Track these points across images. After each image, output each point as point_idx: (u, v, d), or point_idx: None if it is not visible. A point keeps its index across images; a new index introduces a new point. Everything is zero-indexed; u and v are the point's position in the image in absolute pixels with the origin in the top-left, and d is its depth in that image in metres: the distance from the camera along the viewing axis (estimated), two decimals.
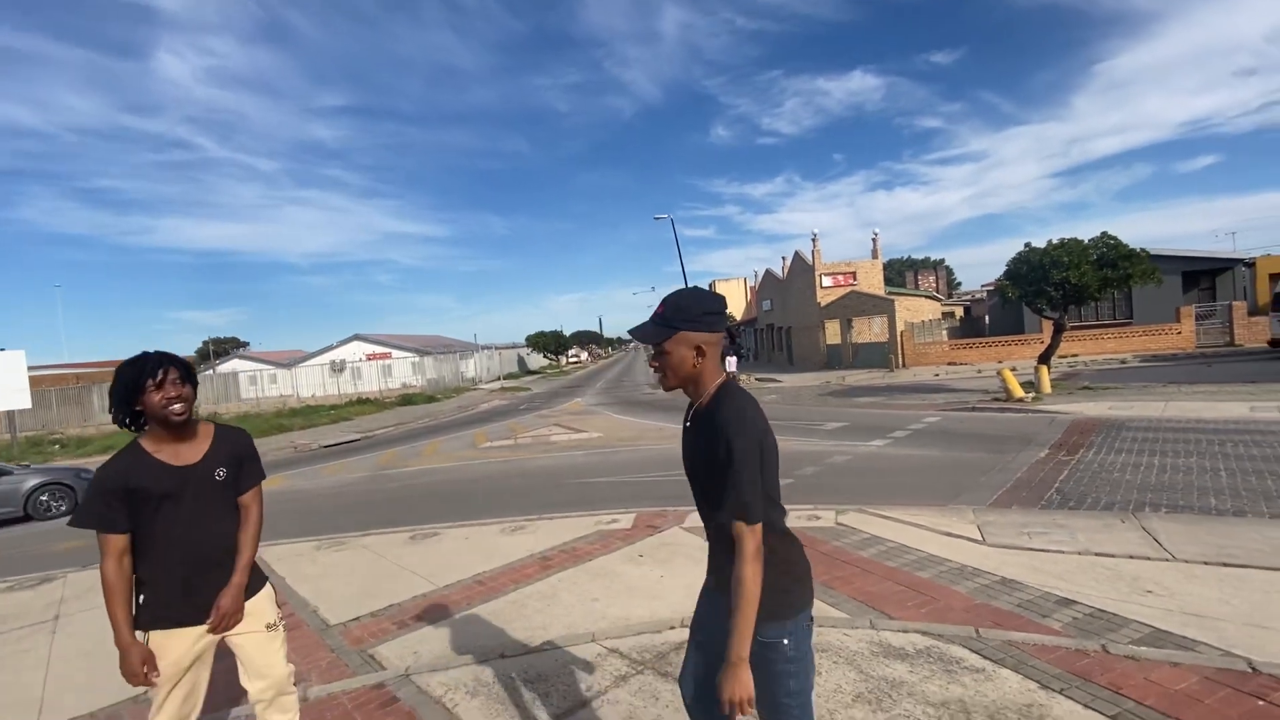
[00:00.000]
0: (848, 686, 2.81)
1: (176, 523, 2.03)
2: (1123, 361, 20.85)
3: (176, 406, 2.03)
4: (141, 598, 2.03)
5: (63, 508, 10.54)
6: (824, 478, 7.96)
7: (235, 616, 2.12)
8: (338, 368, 43.53)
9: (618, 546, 5.42)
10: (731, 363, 21.68)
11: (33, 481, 10.54)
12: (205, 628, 2.09)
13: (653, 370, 1.76)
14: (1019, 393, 13.20)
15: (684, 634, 3.53)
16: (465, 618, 4.21)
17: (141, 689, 3.60)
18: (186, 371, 2.09)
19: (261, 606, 2.22)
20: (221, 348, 65.21)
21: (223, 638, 2.15)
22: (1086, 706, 2.52)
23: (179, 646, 2.05)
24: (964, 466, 7.90)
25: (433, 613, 4.35)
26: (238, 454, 2.20)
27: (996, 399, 13.51)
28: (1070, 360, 21.87)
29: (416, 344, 48.69)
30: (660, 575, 4.64)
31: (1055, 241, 13.80)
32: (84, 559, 6.93)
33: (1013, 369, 14.61)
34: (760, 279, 46.04)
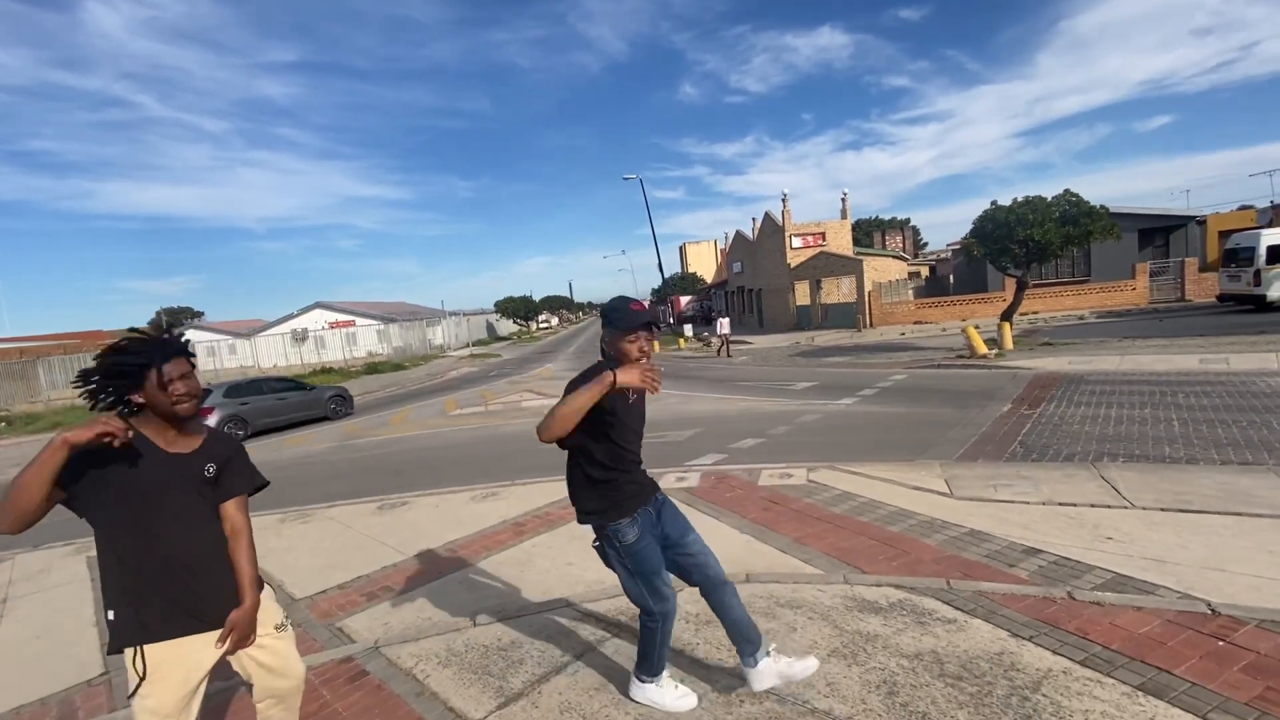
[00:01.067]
0: (823, 643, 2.82)
1: (158, 517, 1.83)
2: (1081, 318, 21.44)
3: (186, 405, 1.85)
4: (111, 613, 1.82)
5: (342, 411, 15.72)
6: (795, 436, 8.02)
7: (250, 639, 1.99)
8: (300, 337, 42.29)
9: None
10: (724, 324, 21.30)
11: (328, 393, 15.68)
12: (213, 641, 1.91)
13: (644, 355, 2.24)
14: (982, 349, 13.47)
15: None
16: (437, 586, 4.13)
17: (98, 671, 3.47)
18: (190, 360, 1.92)
19: (268, 609, 2.07)
20: (175, 318, 62.69)
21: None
22: (1055, 653, 2.56)
23: (184, 662, 1.86)
24: (931, 422, 8.04)
25: (403, 583, 4.26)
26: (226, 457, 2.01)
27: (960, 356, 13.78)
28: (1031, 317, 22.41)
29: (381, 311, 47.50)
30: None
31: (1020, 199, 13.93)
32: (37, 539, 6.63)
33: (976, 326, 14.88)
34: (730, 241, 45.86)
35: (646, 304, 2.19)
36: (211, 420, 12.51)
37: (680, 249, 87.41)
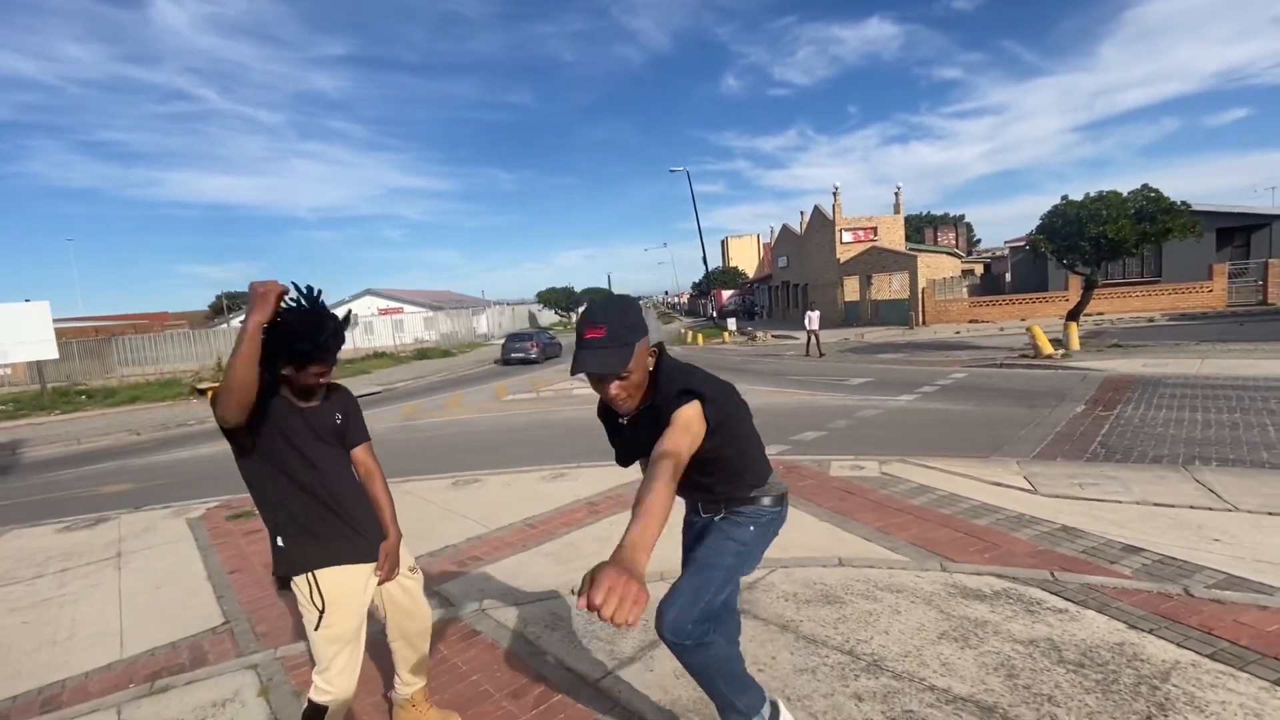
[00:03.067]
0: (930, 625, 2.82)
1: (308, 461, 1.99)
2: (1150, 320, 20.52)
3: (318, 388, 2.03)
4: (282, 541, 1.99)
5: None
6: (858, 430, 7.94)
7: (398, 571, 2.20)
8: (351, 323, 43.63)
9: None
10: (814, 319, 18.63)
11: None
12: (371, 571, 2.10)
13: (614, 395, 1.69)
14: (1048, 349, 13.05)
15: (752, 574, 3.54)
16: (525, 558, 4.27)
17: (220, 620, 3.72)
18: (340, 345, 2.04)
19: (401, 553, 2.25)
20: (234, 302, 65.38)
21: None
22: (1180, 646, 2.52)
23: (354, 584, 2.04)
24: (1000, 421, 7.85)
25: (491, 553, 4.42)
26: (347, 407, 2.18)
27: (1024, 355, 13.37)
28: (1095, 318, 21.54)
29: (428, 299, 48.63)
30: None
31: (1093, 195, 13.39)
32: (135, 500, 7.08)
33: (1040, 327, 14.40)
34: (776, 235, 45.31)
35: (603, 327, 1.65)
36: None
37: (722, 242, 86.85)
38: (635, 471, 6.78)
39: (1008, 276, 33.10)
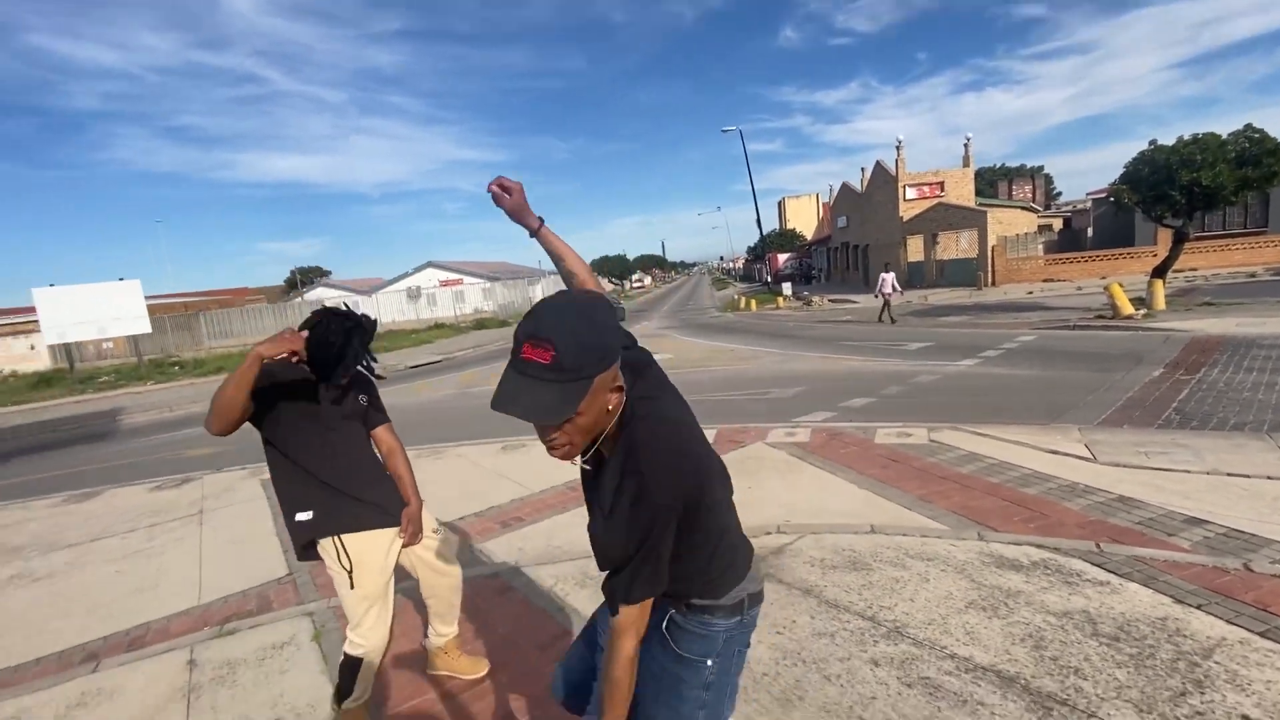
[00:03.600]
0: (959, 594, 2.76)
1: (330, 439, 2.14)
2: (1251, 275, 18.72)
3: (337, 394, 2.18)
4: (305, 515, 2.14)
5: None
6: (911, 397, 7.69)
7: (420, 535, 2.35)
8: (414, 294, 45.19)
9: None
10: (889, 280, 16.52)
11: (620, 305, 17.66)
12: (395, 535, 2.25)
13: (550, 441, 1.13)
14: (1128, 309, 12.15)
15: (780, 539, 3.56)
16: (562, 520, 4.41)
17: (284, 572, 4.04)
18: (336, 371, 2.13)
19: (427, 516, 2.42)
20: (307, 276, 68.77)
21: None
22: (1230, 622, 2.37)
23: (379, 549, 2.19)
24: (1066, 385, 7.43)
25: (531, 514, 4.58)
26: (370, 391, 2.34)
27: (1101, 316, 12.51)
28: (1188, 274, 19.84)
29: (486, 270, 49.69)
30: (748, 486, 4.67)
31: (1186, 138, 12.20)
32: (218, 463, 7.68)
33: (1121, 284, 13.39)
34: (835, 194, 43.61)
35: (549, 350, 1.02)
36: None
37: (779, 204, 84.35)
38: None
39: (1089, 231, 30.83)
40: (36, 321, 22.33)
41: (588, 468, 1.27)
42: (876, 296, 17.08)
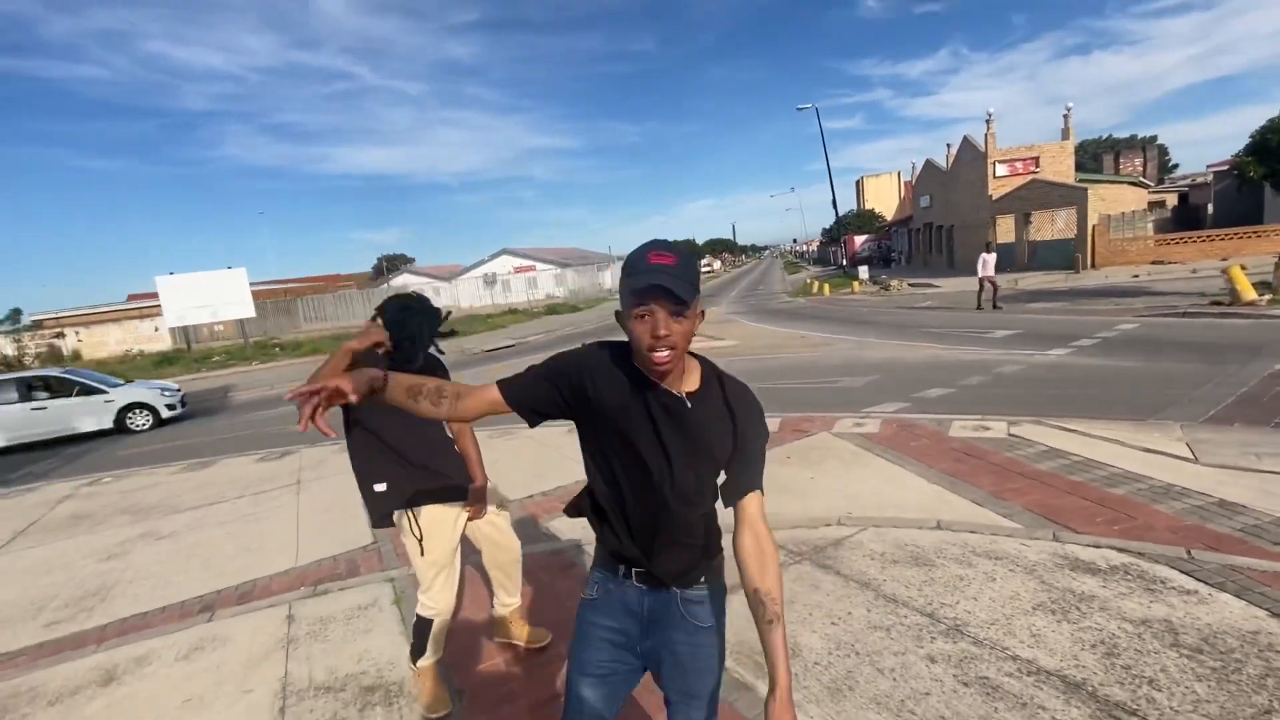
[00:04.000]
0: (1026, 595, 2.67)
1: (403, 416, 2.31)
2: None
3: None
4: (381, 486, 2.34)
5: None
6: (992, 388, 7.32)
7: (485, 510, 2.54)
8: (490, 281, 46.79)
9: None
10: (989, 262, 15.27)
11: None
12: (460, 508, 2.43)
13: (665, 338, 1.20)
14: (1250, 294, 10.99)
15: (840, 531, 3.53)
16: None
17: (370, 540, 4.38)
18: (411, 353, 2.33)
19: (492, 493, 2.62)
20: (392, 264, 72.48)
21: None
22: None
23: (446, 520, 2.39)
24: (1170, 378, 6.85)
25: None
26: (438, 373, 2.46)
27: (1217, 302, 11.38)
28: None
29: (557, 257, 50.69)
30: (810, 476, 4.63)
31: None
32: (312, 438, 8.33)
33: (1243, 267, 12.11)
34: (918, 172, 41.49)
35: (674, 256, 1.21)
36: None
37: (857, 183, 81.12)
38: None
39: (1209, 208, 27.95)
40: (158, 306, 24.77)
41: (677, 398, 1.30)
42: (982, 280, 15.33)
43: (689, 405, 1.29)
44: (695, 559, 1.38)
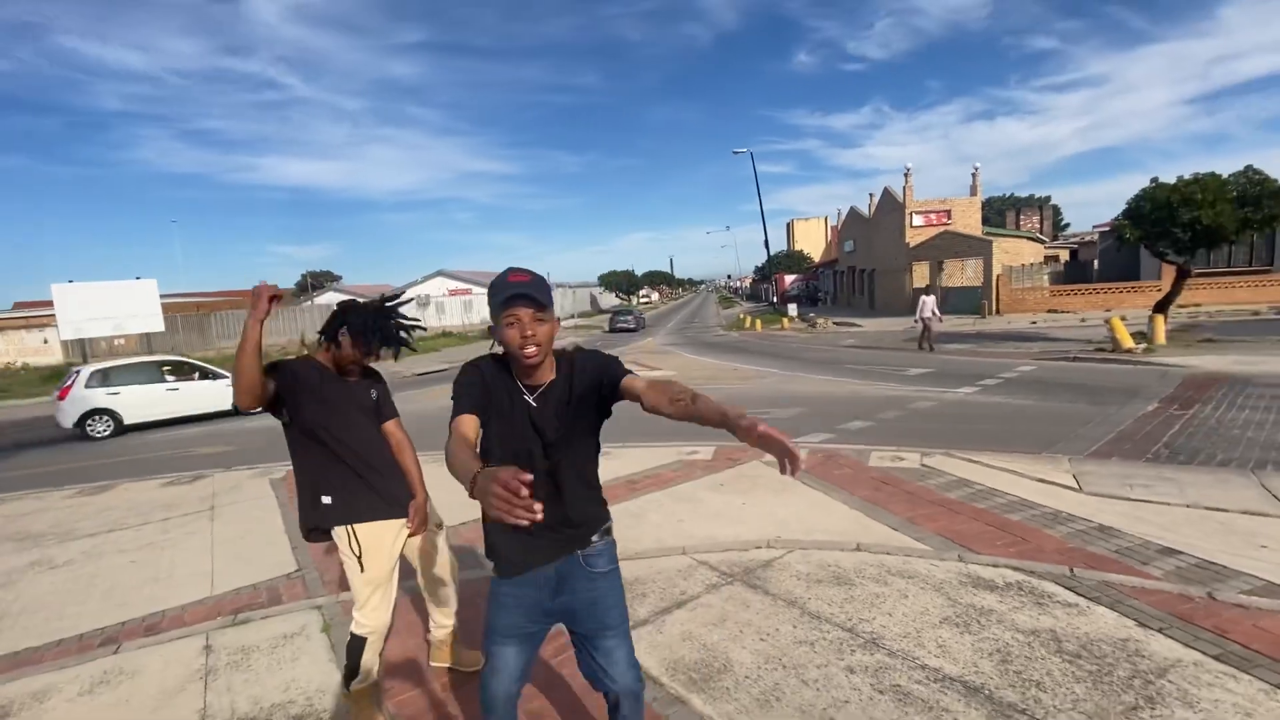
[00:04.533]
0: (935, 610, 2.91)
1: (348, 427, 2.33)
2: (1255, 313, 18.84)
3: (353, 367, 2.38)
4: (328, 499, 2.32)
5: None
6: (907, 422, 7.83)
7: (425, 526, 2.52)
8: (423, 303, 45.60)
9: (699, 475, 5.63)
10: (929, 303, 15.61)
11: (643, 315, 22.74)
12: (401, 525, 2.42)
13: (530, 336, 1.53)
14: (1128, 343, 12.28)
15: (769, 554, 3.71)
16: None
17: (293, 568, 4.20)
18: (388, 343, 2.38)
19: (429, 510, 2.60)
20: (317, 281, 69.54)
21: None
22: (1187, 645, 2.51)
23: (386, 537, 2.37)
24: (1060, 417, 7.56)
25: None
26: (380, 384, 2.52)
27: (1100, 350, 12.64)
28: (1191, 310, 19.95)
29: None
30: (742, 503, 4.83)
31: (1188, 177, 12.40)
32: (227, 461, 7.87)
33: (1123, 318, 13.54)
34: (843, 218, 43.98)
35: (529, 275, 1.57)
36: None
37: (788, 225, 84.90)
38: (675, 454, 6.93)
39: (1095, 264, 30.99)
40: (51, 316, 22.69)
41: (527, 398, 1.64)
42: (916, 322, 16.06)
43: (543, 393, 1.63)
44: (597, 515, 1.74)
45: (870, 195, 35.94)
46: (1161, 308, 13.52)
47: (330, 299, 50.42)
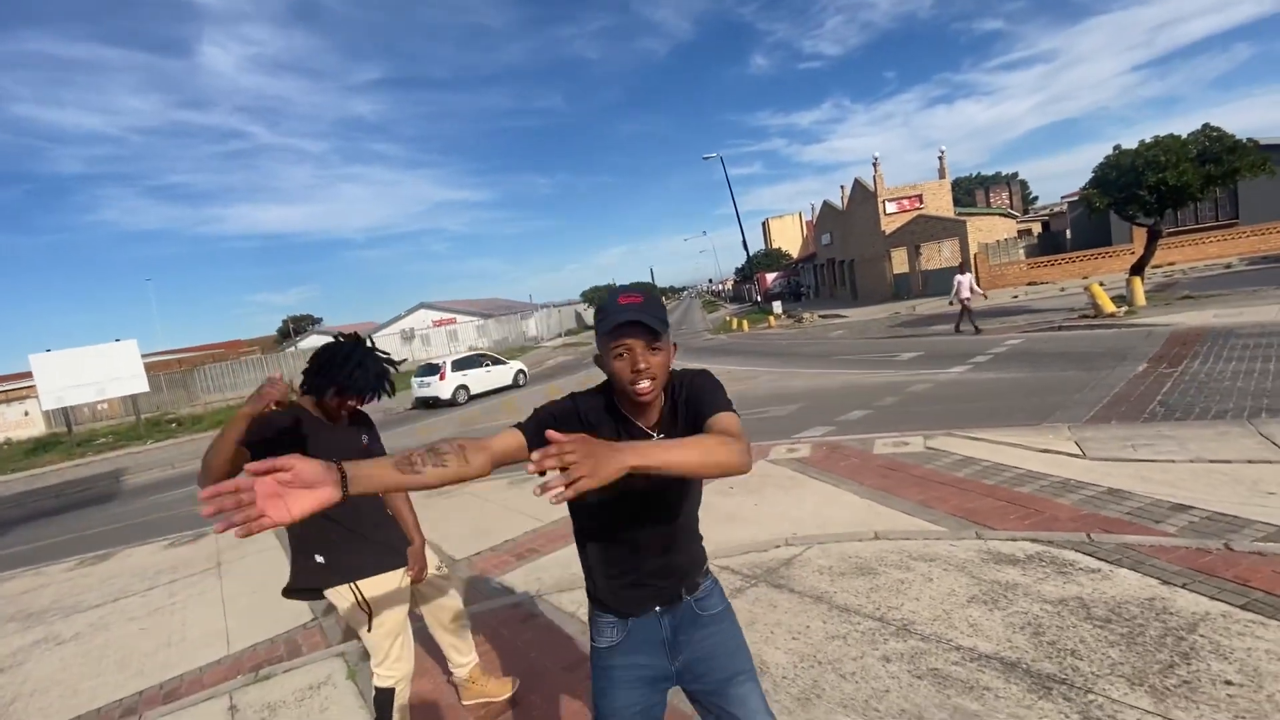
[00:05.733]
0: (961, 590, 2.92)
1: None
2: (1227, 266, 19.21)
3: (341, 415, 2.28)
4: (321, 558, 2.22)
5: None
6: (906, 406, 7.88)
7: (426, 572, 2.47)
8: (408, 336, 45.38)
9: (707, 480, 5.62)
10: (964, 282, 14.06)
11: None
12: (402, 572, 2.34)
13: (645, 370, 1.32)
14: (1110, 307, 12.47)
15: (789, 552, 3.70)
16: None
17: (310, 617, 4.14)
18: (380, 391, 2.28)
19: (428, 554, 2.54)
20: (299, 325, 68.94)
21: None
22: (1212, 598, 2.54)
23: (391, 586, 2.30)
24: (1054, 386, 7.65)
25: (546, 545, 4.70)
26: (370, 428, 2.45)
27: (1084, 316, 12.83)
28: (1166, 269, 20.32)
29: (479, 308, 50.04)
30: (754, 503, 4.82)
31: (1148, 140, 12.69)
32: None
33: (1101, 283, 13.75)
34: (818, 212, 44.42)
35: (641, 296, 1.35)
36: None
37: (763, 225, 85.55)
38: None
39: (1068, 234, 31.51)
40: (31, 387, 22.33)
41: (647, 434, 1.41)
42: (952, 303, 14.86)
43: (661, 427, 1.41)
44: (701, 555, 1.54)
45: (841, 187, 36.37)
46: (1138, 270, 13.76)
47: (313, 343, 49.95)
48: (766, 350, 17.41)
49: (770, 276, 57.58)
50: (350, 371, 2.20)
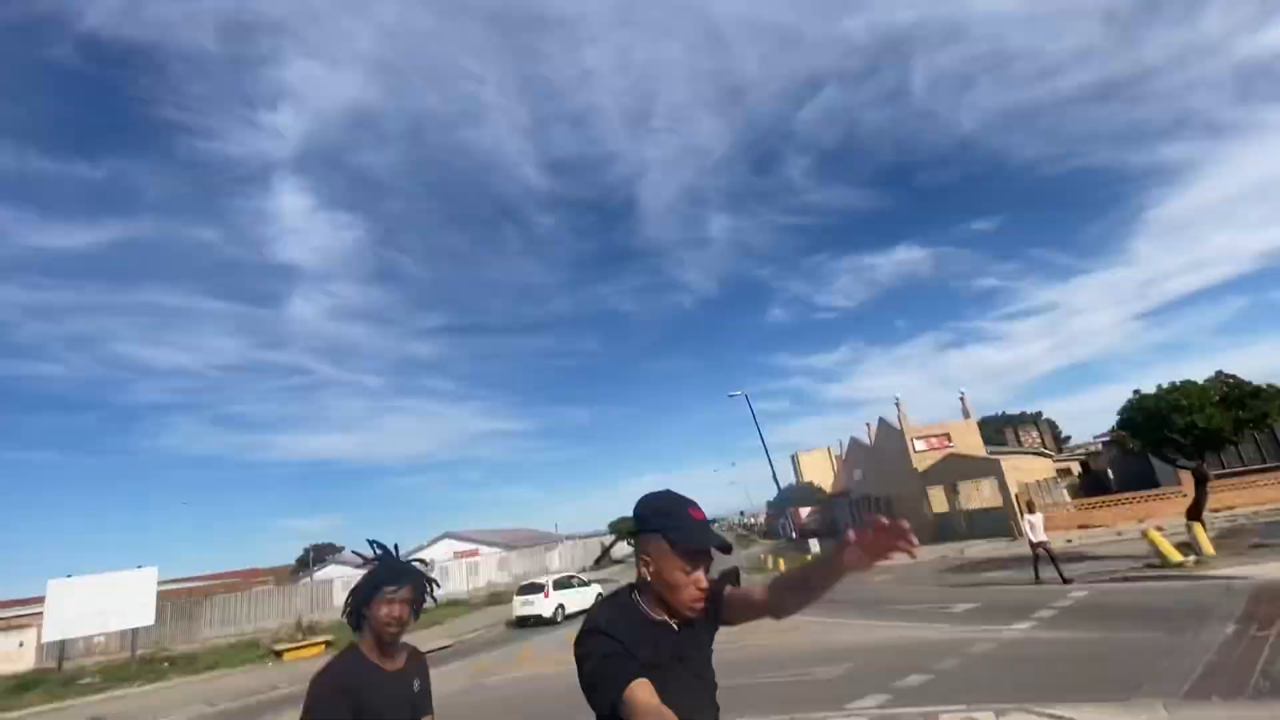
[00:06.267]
0: None
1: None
2: None
3: (393, 628, 2.12)
4: None
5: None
6: (970, 671, 7.03)
7: None
8: (431, 585, 43.80)
9: None
10: (1037, 524, 12.94)
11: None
12: None
13: (705, 587, 1.51)
14: (1176, 556, 11.60)
15: None
16: None
17: None
18: (420, 593, 2.23)
19: None
20: (319, 554, 67.38)
21: None
22: None
23: None
24: (1134, 650, 6.83)
25: None
26: (424, 674, 2.29)
27: (1150, 565, 11.89)
28: (1227, 514, 19.20)
29: (503, 538, 48.83)
30: None
31: (1167, 385, 13.02)
32: None
33: (1159, 529, 12.98)
34: (847, 448, 44.70)
35: (701, 510, 1.53)
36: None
37: (793, 458, 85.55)
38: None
39: (1110, 473, 30.71)
40: (32, 616, 21.51)
41: (676, 632, 1.50)
42: (1034, 547, 12.85)
43: (682, 630, 1.50)
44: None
45: (868, 424, 37.06)
46: (1195, 514, 13.06)
47: (330, 573, 48.24)
48: None
49: (804, 512, 55.89)
50: (390, 565, 2.21)
